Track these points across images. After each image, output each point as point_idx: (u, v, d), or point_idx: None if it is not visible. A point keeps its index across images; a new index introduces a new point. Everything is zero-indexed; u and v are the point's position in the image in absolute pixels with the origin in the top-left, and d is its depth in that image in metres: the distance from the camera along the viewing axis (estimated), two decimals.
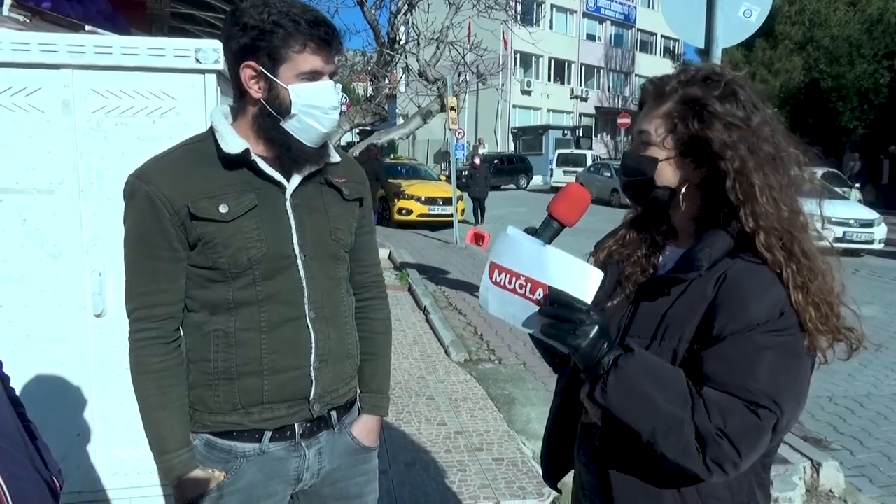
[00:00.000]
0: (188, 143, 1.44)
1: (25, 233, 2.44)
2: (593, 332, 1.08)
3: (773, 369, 1.06)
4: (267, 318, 1.40)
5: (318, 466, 1.53)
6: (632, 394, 1.07)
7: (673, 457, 1.07)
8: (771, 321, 1.07)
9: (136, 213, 1.36)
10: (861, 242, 11.71)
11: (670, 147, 1.18)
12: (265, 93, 1.35)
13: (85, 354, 2.54)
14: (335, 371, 1.50)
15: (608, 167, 22.22)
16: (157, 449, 1.41)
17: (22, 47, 2.32)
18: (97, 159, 2.45)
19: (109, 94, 2.43)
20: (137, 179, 1.36)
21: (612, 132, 38.35)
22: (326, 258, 1.48)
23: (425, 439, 3.84)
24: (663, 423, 1.06)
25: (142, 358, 1.39)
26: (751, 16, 3.80)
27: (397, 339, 5.95)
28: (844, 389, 5.06)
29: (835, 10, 25.80)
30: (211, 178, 1.37)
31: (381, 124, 10.84)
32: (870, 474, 3.77)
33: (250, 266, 1.37)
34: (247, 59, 1.33)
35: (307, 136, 1.39)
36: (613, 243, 1.34)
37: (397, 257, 10.04)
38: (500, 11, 10.83)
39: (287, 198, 1.42)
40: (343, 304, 1.53)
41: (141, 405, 1.41)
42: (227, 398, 1.42)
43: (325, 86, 1.37)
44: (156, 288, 1.38)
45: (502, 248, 1.17)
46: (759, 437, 1.06)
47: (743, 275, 1.11)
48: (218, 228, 1.35)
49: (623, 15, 42.22)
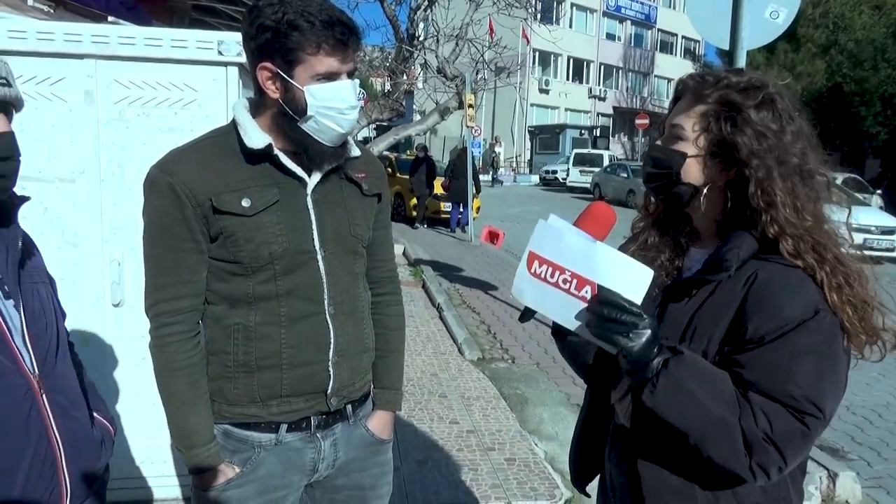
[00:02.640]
0: (211, 136, 1.44)
1: (46, 221, 2.46)
2: (647, 336, 1.07)
3: (815, 373, 1.06)
4: (287, 312, 1.40)
5: (333, 457, 1.53)
6: (681, 396, 1.07)
7: (721, 460, 1.08)
8: (808, 322, 1.06)
9: (159, 205, 1.35)
10: (882, 250, 11.54)
11: (701, 145, 1.18)
12: (282, 93, 1.34)
13: (102, 343, 2.56)
14: (352, 365, 1.51)
15: (625, 168, 22.05)
16: (185, 444, 1.41)
17: (47, 37, 2.34)
18: (119, 149, 2.46)
19: (132, 84, 2.44)
20: (160, 171, 1.35)
21: (630, 133, 38.08)
22: (345, 253, 1.48)
23: (437, 437, 3.83)
24: (712, 425, 1.07)
25: (170, 354, 1.38)
26: (777, 17, 3.75)
27: (410, 336, 5.94)
28: (863, 399, 4.99)
29: (859, 14, 25.45)
30: (234, 171, 1.36)
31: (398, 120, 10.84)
32: (887, 486, 3.71)
33: (271, 261, 1.37)
34: (263, 61, 1.32)
35: (325, 137, 1.38)
36: (636, 248, 1.33)
37: (412, 253, 10.04)
38: (520, 9, 10.77)
39: (308, 193, 1.42)
40: (361, 298, 1.53)
41: (168, 401, 1.41)
42: (246, 391, 1.42)
43: (342, 85, 1.35)
44: (178, 279, 1.37)
45: (545, 239, 1.12)
46: (805, 443, 1.08)
47: (774, 275, 1.10)
48: (240, 222, 1.35)
49: (643, 15, 41.89)
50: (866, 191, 15.79)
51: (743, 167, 1.13)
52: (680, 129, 1.19)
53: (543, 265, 1.11)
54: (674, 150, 1.20)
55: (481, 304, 7.21)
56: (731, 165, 1.16)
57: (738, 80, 1.17)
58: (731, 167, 1.16)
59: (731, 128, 1.14)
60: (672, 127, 1.21)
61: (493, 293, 7.69)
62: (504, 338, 5.99)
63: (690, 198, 1.21)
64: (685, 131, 1.19)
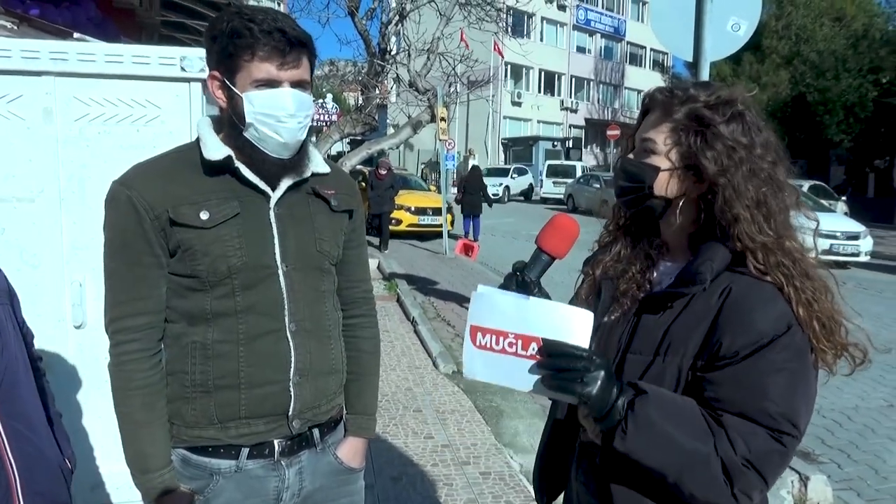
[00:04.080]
0: (175, 151, 1.43)
1: (4, 242, 2.39)
2: (601, 377, 1.05)
3: (789, 390, 1.06)
4: (245, 329, 1.37)
5: (298, 486, 1.47)
6: (653, 436, 1.05)
7: (703, 494, 1.06)
8: (780, 338, 1.06)
9: (119, 220, 1.33)
10: (848, 255, 11.81)
11: (673, 159, 1.18)
12: (227, 101, 1.35)
13: (64, 366, 2.49)
14: (316, 386, 1.45)
15: (598, 178, 22.31)
16: (138, 468, 1.36)
17: (4, 53, 2.29)
18: (79, 167, 2.41)
19: (92, 101, 2.39)
20: (121, 185, 1.35)
21: (602, 144, 38.55)
22: (310, 270, 1.44)
23: (412, 452, 3.80)
24: (689, 461, 1.05)
25: (126, 373, 1.34)
26: (739, 30, 3.83)
27: (385, 351, 5.88)
28: (832, 402, 5.07)
29: (821, 26, 26.18)
30: (193, 184, 1.35)
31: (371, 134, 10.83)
32: (857, 488, 3.77)
33: (229, 275, 1.34)
34: (211, 69, 1.35)
35: (267, 146, 1.36)
36: (609, 259, 1.32)
37: (386, 267, 10.01)
38: (490, 23, 10.87)
39: (271, 207, 1.39)
40: (327, 317, 1.49)
41: (123, 422, 1.36)
42: (203, 411, 1.37)
43: (281, 93, 1.32)
44: (138, 295, 1.34)
45: (481, 310, 1.12)
46: (782, 462, 1.07)
47: (747, 290, 1.10)
48: (197, 235, 1.33)
49: (613, 28, 42.60)
50: (832, 197, 16.17)
51: (710, 181, 1.14)
52: (651, 143, 1.19)
53: (486, 335, 1.11)
54: (646, 164, 1.20)
55: (456, 316, 7.20)
56: (704, 178, 1.16)
57: (706, 94, 1.17)
58: (703, 180, 1.16)
59: (701, 143, 1.14)
60: (643, 141, 1.21)
61: (468, 305, 7.67)
62: None
63: (663, 211, 1.21)
64: (657, 145, 1.19)
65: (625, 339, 1.20)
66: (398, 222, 14.22)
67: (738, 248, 1.12)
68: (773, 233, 1.12)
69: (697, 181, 1.17)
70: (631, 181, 1.22)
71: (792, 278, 1.10)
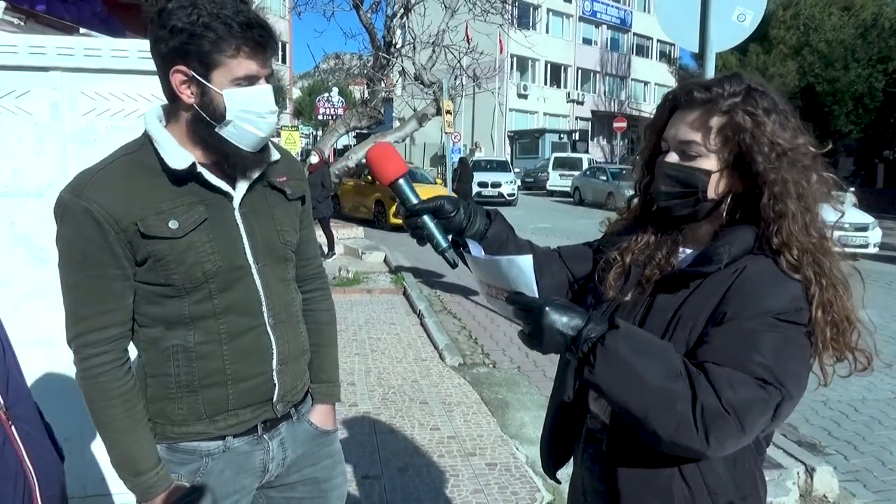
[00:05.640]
0: (125, 154, 1.35)
1: (13, 236, 2.42)
2: (543, 314, 1.09)
3: (780, 351, 1.06)
4: (226, 329, 1.37)
5: (282, 456, 1.54)
6: (620, 370, 1.05)
7: (668, 435, 1.04)
8: (787, 312, 1.07)
9: (77, 233, 1.27)
10: (856, 246, 11.74)
11: (724, 159, 1.16)
12: (198, 98, 1.28)
13: (72, 359, 2.52)
14: (293, 370, 1.51)
15: (604, 171, 22.25)
16: (130, 472, 1.35)
17: (10, 49, 2.31)
18: (86, 162, 2.37)
19: (99, 96, 2.41)
20: (74, 196, 1.27)
21: (608, 136, 38.40)
22: (278, 262, 1.46)
23: (418, 444, 3.82)
24: (654, 398, 1.04)
25: (102, 384, 1.32)
26: (744, 20, 3.81)
27: (391, 343, 5.93)
28: (839, 394, 5.06)
29: (829, 15, 25.92)
30: (155, 192, 1.30)
31: (376, 127, 10.85)
32: (864, 479, 3.76)
33: (206, 280, 1.33)
34: (176, 64, 1.26)
35: (245, 142, 1.33)
36: (638, 247, 1.31)
37: (392, 260, 10.03)
38: (496, 15, 10.84)
39: (235, 207, 1.39)
40: (294, 303, 1.54)
41: (106, 432, 1.35)
42: (191, 410, 1.39)
43: (262, 90, 1.31)
44: (104, 309, 1.31)
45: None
46: (764, 413, 1.05)
47: (763, 268, 1.11)
48: (169, 245, 1.30)
49: (619, 19, 42.35)
50: (840, 189, 16.04)
51: (760, 178, 1.13)
52: (697, 146, 1.17)
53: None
54: (697, 169, 1.17)
55: (462, 309, 7.22)
56: (749, 175, 1.15)
57: (742, 88, 1.16)
58: (747, 176, 1.16)
59: (751, 139, 1.13)
60: (686, 143, 1.18)
61: (474, 298, 7.70)
62: (485, 343, 6.00)
63: (711, 210, 1.20)
64: (704, 147, 1.16)
65: (638, 319, 1.22)
66: None
67: (773, 245, 1.12)
68: (816, 233, 1.12)
69: (741, 177, 1.17)
70: (681, 186, 1.19)
71: (821, 276, 1.10)
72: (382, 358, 5.42)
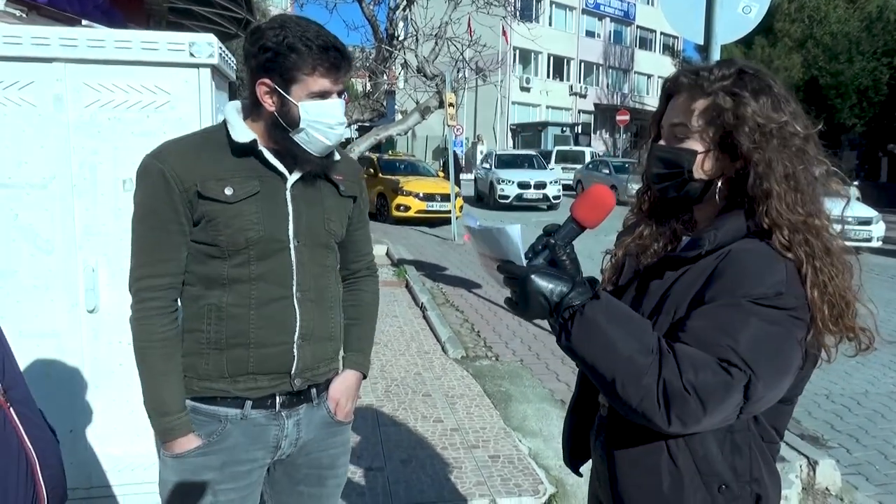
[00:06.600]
0: (203, 132, 1.61)
1: (17, 228, 2.42)
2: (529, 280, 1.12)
3: (756, 336, 1.06)
4: (257, 295, 1.52)
5: (296, 436, 1.64)
6: (594, 339, 1.09)
7: (635, 406, 1.08)
8: (766, 297, 1.07)
9: (149, 189, 1.48)
10: (859, 240, 11.70)
11: (709, 140, 1.19)
12: (277, 107, 1.48)
13: (78, 350, 2.53)
14: (316, 350, 1.62)
15: (607, 164, 22.18)
16: (158, 412, 1.51)
17: (13, 40, 2.30)
18: (90, 154, 2.43)
19: (102, 88, 2.40)
20: (153, 159, 1.49)
21: (611, 129, 38.28)
22: (317, 246, 1.61)
23: (421, 436, 3.83)
24: (623, 369, 1.07)
25: (147, 327, 1.50)
26: (750, 12, 3.79)
27: (394, 336, 5.93)
28: (842, 387, 5.06)
29: (834, 8, 25.81)
30: (219, 162, 1.50)
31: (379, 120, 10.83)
32: (866, 472, 3.77)
33: (246, 246, 1.50)
34: (262, 77, 1.46)
35: (313, 147, 1.52)
36: (632, 239, 1.35)
37: (395, 254, 10.03)
38: (499, 7, 10.78)
39: (287, 188, 1.55)
40: (329, 290, 1.66)
41: (144, 372, 1.52)
42: (216, 366, 1.53)
43: (333, 104, 1.50)
44: (161, 258, 1.49)
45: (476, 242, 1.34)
46: (727, 396, 1.06)
47: (747, 253, 1.12)
48: (221, 208, 1.48)
49: (622, 12, 42.14)
50: (844, 182, 15.99)
51: (745, 158, 1.15)
52: (683, 128, 1.20)
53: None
54: (682, 149, 1.20)
55: (465, 302, 7.22)
56: (739, 156, 1.17)
57: (731, 71, 1.18)
58: (737, 158, 1.17)
59: (734, 120, 1.14)
60: (674, 126, 1.22)
61: (477, 291, 7.70)
62: (488, 335, 6.01)
63: (703, 192, 1.22)
64: (690, 128, 1.19)
65: (631, 304, 1.24)
66: (406, 209, 14.23)
67: (765, 225, 1.13)
68: (803, 211, 1.12)
69: (732, 159, 1.18)
70: (668, 167, 1.22)
71: (813, 258, 1.10)
72: (385, 350, 5.42)
